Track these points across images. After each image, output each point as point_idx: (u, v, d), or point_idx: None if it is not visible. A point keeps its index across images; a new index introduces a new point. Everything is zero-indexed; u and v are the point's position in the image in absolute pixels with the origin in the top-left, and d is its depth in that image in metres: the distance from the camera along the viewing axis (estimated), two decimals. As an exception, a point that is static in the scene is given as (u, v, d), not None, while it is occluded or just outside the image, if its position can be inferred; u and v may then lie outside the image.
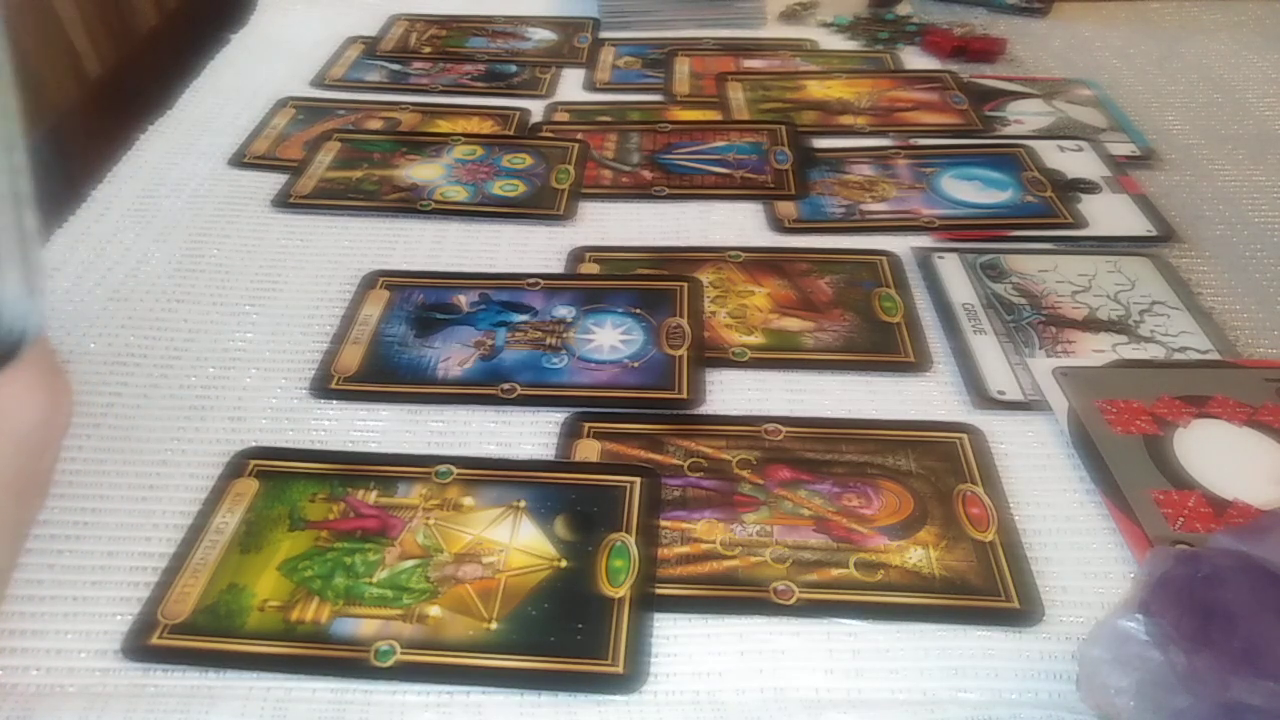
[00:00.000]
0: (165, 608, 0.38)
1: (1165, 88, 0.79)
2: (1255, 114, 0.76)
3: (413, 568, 0.40)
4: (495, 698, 0.36)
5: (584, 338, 0.52)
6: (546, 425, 0.47)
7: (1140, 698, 0.32)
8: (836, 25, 0.90)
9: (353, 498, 0.43)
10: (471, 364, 0.50)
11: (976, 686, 0.36)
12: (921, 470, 0.44)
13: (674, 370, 0.50)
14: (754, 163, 0.68)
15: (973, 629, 0.38)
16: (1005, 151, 0.69)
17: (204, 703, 0.35)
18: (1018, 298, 0.55)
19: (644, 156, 0.69)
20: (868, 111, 0.75)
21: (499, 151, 0.69)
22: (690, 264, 0.58)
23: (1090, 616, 0.38)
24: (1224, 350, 0.51)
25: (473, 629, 0.38)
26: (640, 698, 0.36)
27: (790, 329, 0.53)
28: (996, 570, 0.40)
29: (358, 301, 0.55)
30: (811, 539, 0.41)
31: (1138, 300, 0.55)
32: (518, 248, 0.60)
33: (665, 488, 0.44)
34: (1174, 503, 0.42)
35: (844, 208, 0.63)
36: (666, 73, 0.81)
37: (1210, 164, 0.69)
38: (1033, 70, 0.82)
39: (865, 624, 0.38)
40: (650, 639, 0.37)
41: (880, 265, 0.58)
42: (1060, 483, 0.44)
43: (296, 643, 0.37)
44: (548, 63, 0.84)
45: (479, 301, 0.55)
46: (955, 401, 0.49)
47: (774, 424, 0.47)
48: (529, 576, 0.40)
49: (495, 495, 0.43)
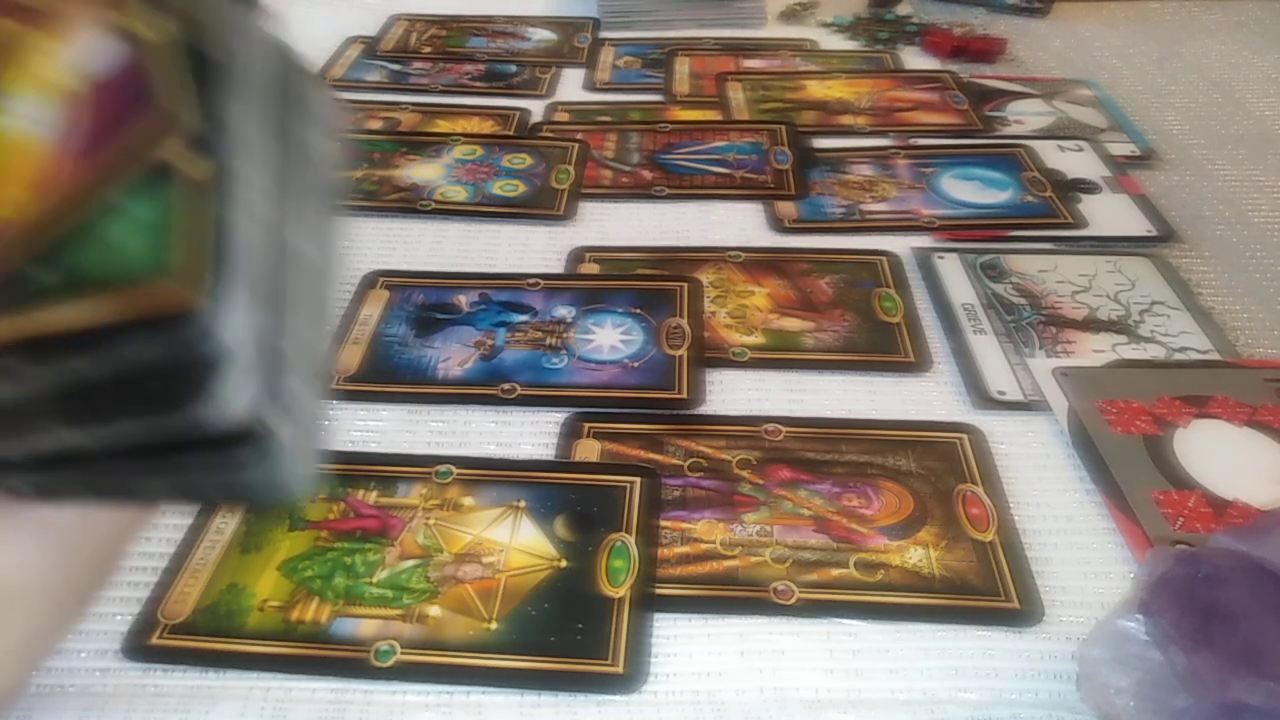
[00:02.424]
0: (165, 608, 0.38)
1: (1165, 88, 0.79)
2: (1255, 114, 0.76)
3: (413, 568, 0.40)
4: (495, 698, 0.36)
5: (584, 338, 0.52)
6: (546, 425, 0.47)
7: (1140, 698, 0.32)
8: (836, 25, 0.90)
9: (353, 498, 0.43)
10: (471, 364, 0.50)
11: (976, 686, 0.36)
12: (921, 470, 0.44)
13: (674, 370, 0.50)
14: (754, 163, 0.68)
15: (973, 629, 0.38)
16: (1005, 151, 0.69)
17: (204, 703, 0.35)
18: (1018, 298, 0.55)
19: (644, 156, 0.69)
20: (868, 111, 0.75)
21: (499, 151, 0.69)
22: (690, 264, 0.58)
23: (1090, 616, 0.38)
24: (1224, 350, 0.51)
25: (473, 629, 0.38)
26: (640, 698, 0.36)
27: (790, 329, 0.53)
28: (996, 570, 0.40)
29: (357, 301, 0.55)
30: (811, 539, 0.41)
31: (1138, 300, 0.55)
32: (518, 248, 0.60)
33: (665, 488, 0.44)
34: (1174, 503, 0.42)
35: (844, 208, 0.63)
36: (666, 73, 0.81)
37: (1210, 164, 0.69)
38: (1033, 70, 0.82)
39: (865, 624, 0.38)
40: (650, 639, 0.38)
41: (880, 265, 0.58)
42: (1060, 483, 0.44)
43: (296, 643, 0.37)
44: (548, 63, 0.84)
45: (479, 301, 0.55)
46: (955, 401, 0.49)
47: (774, 424, 0.47)
48: (529, 576, 0.40)
49: (495, 495, 0.43)
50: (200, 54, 0.19)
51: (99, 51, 0.20)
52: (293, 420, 0.20)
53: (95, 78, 0.20)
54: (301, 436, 0.21)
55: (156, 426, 0.19)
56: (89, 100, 0.20)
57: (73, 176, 0.19)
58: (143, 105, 0.19)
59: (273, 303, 0.19)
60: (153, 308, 0.18)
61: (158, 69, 0.19)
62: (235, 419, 0.19)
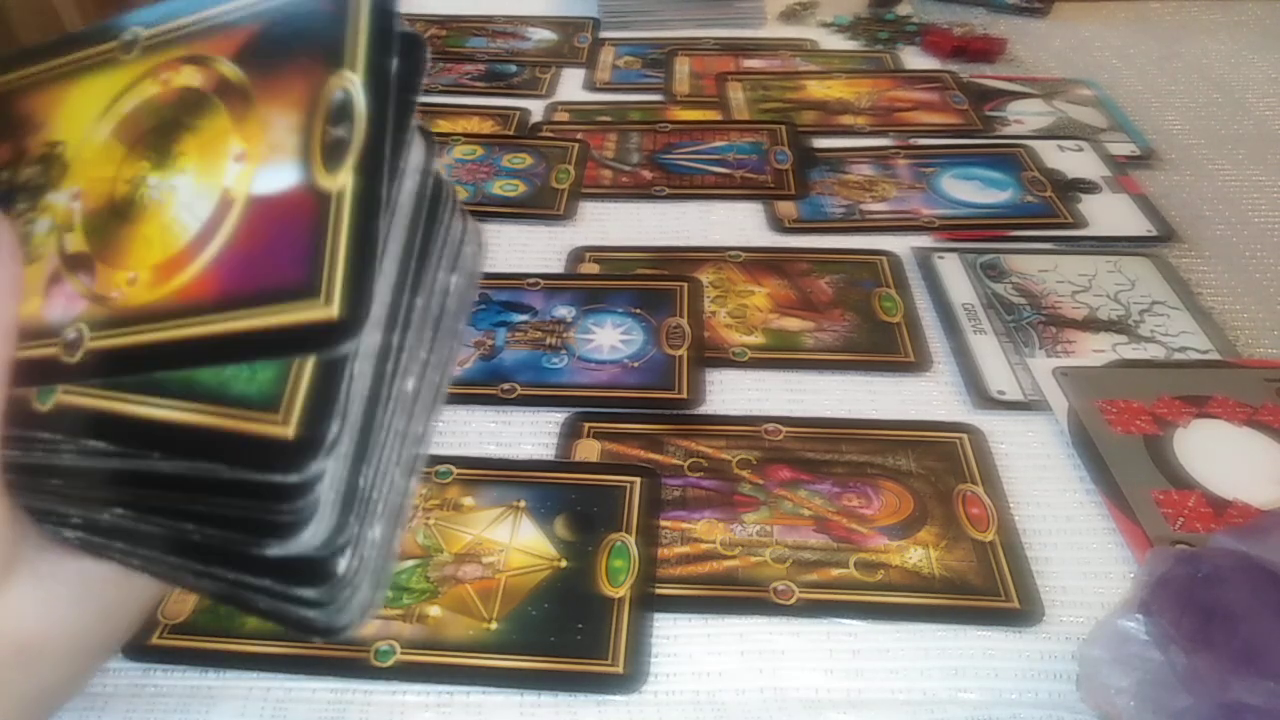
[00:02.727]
0: (165, 607, 0.38)
1: (1165, 88, 0.79)
2: (1255, 114, 0.76)
3: (413, 568, 0.40)
4: (495, 698, 0.36)
5: (584, 338, 0.52)
6: (546, 425, 0.47)
7: (1140, 698, 0.32)
8: (836, 25, 0.90)
9: (353, 498, 0.43)
10: (471, 364, 0.50)
11: (976, 686, 0.36)
12: (921, 470, 0.44)
13: (674, 370, 0.50)
14: (754, 163, 0.68)
15: (973, 629, 0.38)
16: (1005, 151, 0.69)
17: (204, 703, 0.35)
18: (1018, 298, 0.55)
19: (644, 156, 0.69)
20: (868, 111, 0.75)
21: (499, 151, 0.69)
22: (690, 264, 0.58)
23: (1090, 616, 0.38)
24: (1224, 350, 0.51)
25: (473, 629, 0.38)
26: (640, 698, 0.36)
27: (790, 329, 0.53)
28: (996, 570, 0.40)
29: (358, 301, 0.55)
30: (811, 539, 0.41)
31: (1138, 300, 0.55)
32: (518, 247, 0.60)
33: (665, 488, 0.44)
34: (1174, 503, 0.42)
35: (844, 208, 0.63)
36: (666, 73, 0.81)
37: (1210, 164, 0.69)
38: (1033, 70, 0.82)
39: (865, 624, 0.38)
40: (650, 639, 0.38)
41: (880, 265, 0.58)
42: (1060, 483, 0.44)
43: (296, 643, 0.37)
44: (548, 63, 0.84)
45: (479, 301, 0.55)
46: (955, 401, 0.49)
47: (774, 424, 0.47)
48: (529, 576, 0.40)
49: (495, 495, 0.43)
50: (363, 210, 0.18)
51: (274, 173, 0.19)
52: (361, 563, 0.20)
53: (259, 196, 0.19)
54: (367, 581, 0.20)
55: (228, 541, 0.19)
56: (244, 215, 0.19)
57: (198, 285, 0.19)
58: (290, 258, 0.18)
59: (367, 440, 0.19)
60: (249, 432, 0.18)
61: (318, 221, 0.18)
62: (303, 552, 0.18)
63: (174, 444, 0.18)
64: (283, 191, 0.19)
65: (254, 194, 0.19)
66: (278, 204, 0.19)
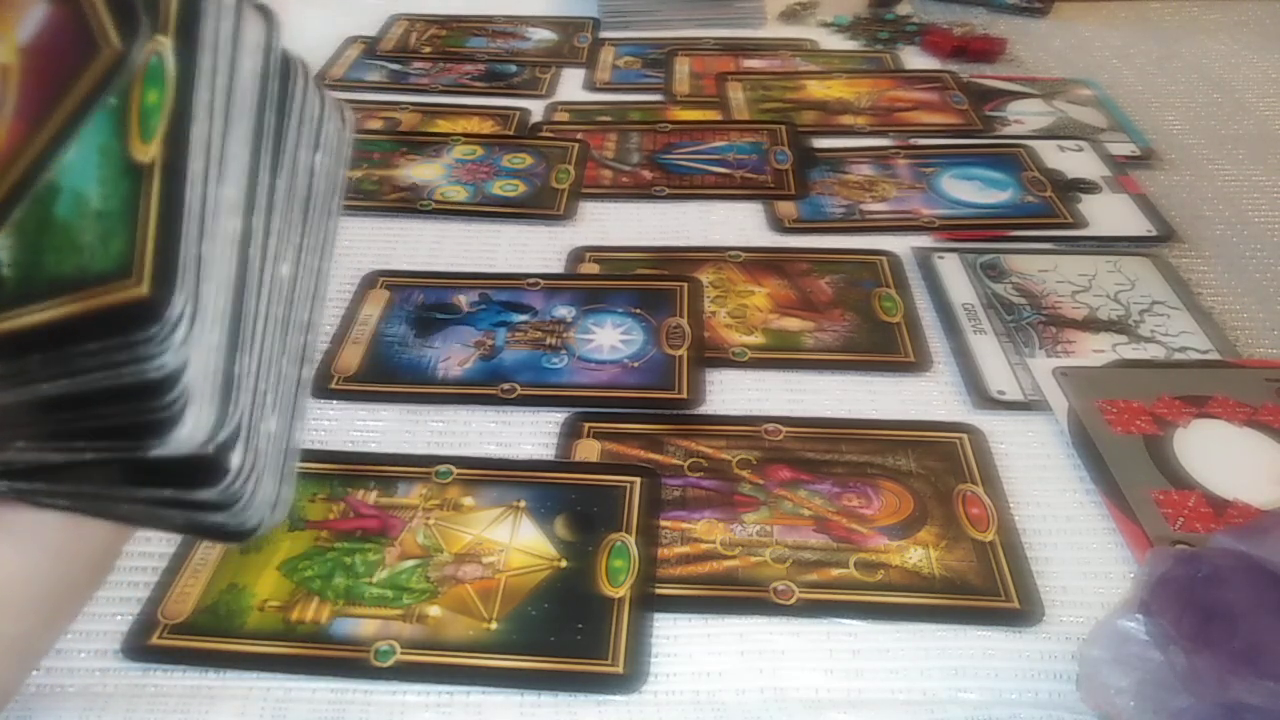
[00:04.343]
0: (165, 608, 0.38)
1: (1165, 88, 0.79)
2: (1255, 114, 0.76)
3: (413, 568, 0.40)
4: (495, 698, 0.36)
5: (584, 338, 0.52)
6: (546, 425, 0.47)
7: (1140, 698, 0.32)
8: (836, 25, 0.90)
9: (353, 498, 0.43)
10: (471, 364, 0.50)
11: (976, 686, 0.36)
12: (921, 470, 0.44)
13: (674, 370, 0.50)
14: (754, 163, 0.68)
15: (973, 629, 0.38)
16: (1005, 151, 0.69)
17: (204, 703, 0.35)
18: (1018, 298, 0.55)
19: (644, 156, 0.69)
20: (868, 111, 0.75)
21: (499, 151, 0.69)
22: (690, 264, 0.58)
23: (1090, 616, 0.37)
24: (1224, 350, 0.51)
25: (473, 629, 0.38)
26: (640, 698, 0.36)
27: (790, 329, 0.53)
28: (996, 570, 0.40)
29: (357, 301, 0.55)
30: (811, 539, 0.41)
31: (1138, 300, 0.55)
32: (518, 248, 0.60)
33: (665, 488, 0.44)
34: (1174, 503, 0.42)
35: (844, 208, 0.63)
36: (666, 73, 0.81)
37: (1210, 164, 0.69)
38: (1033, 70, 0.82)
39: (865, 624, 0.38)
40: (650, 639, 0.37)
41: (880, 265, 0.58)
42: (1060, 483, 0.44)
43: (296, 643, 0.37)
44: (548, 63, 0.84)
45: (479, 301, 0.55)
46: (955, 401, 0.49)
47: (774, 424, 0.47)
48: (529, 576, 0.40)
49: (495, 495, 0.43)
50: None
51: (29, 19, 0.19)
52: (257, 457, 0.19)
53: (26, 44, 0.19)
54: (269, 475, 0.20)
55: (115, 450, 0.19)
56: (23, 68, 0.19)
57: (14, 139, 0.18)
58: (86, 53, 0.18)
59: (238, 327, 0.19)
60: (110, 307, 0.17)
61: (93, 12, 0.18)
62: (189, 448, 0.18)
63: (45, 341, 0.18)
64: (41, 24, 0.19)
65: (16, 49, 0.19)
66: (45, 38, 0.19)
